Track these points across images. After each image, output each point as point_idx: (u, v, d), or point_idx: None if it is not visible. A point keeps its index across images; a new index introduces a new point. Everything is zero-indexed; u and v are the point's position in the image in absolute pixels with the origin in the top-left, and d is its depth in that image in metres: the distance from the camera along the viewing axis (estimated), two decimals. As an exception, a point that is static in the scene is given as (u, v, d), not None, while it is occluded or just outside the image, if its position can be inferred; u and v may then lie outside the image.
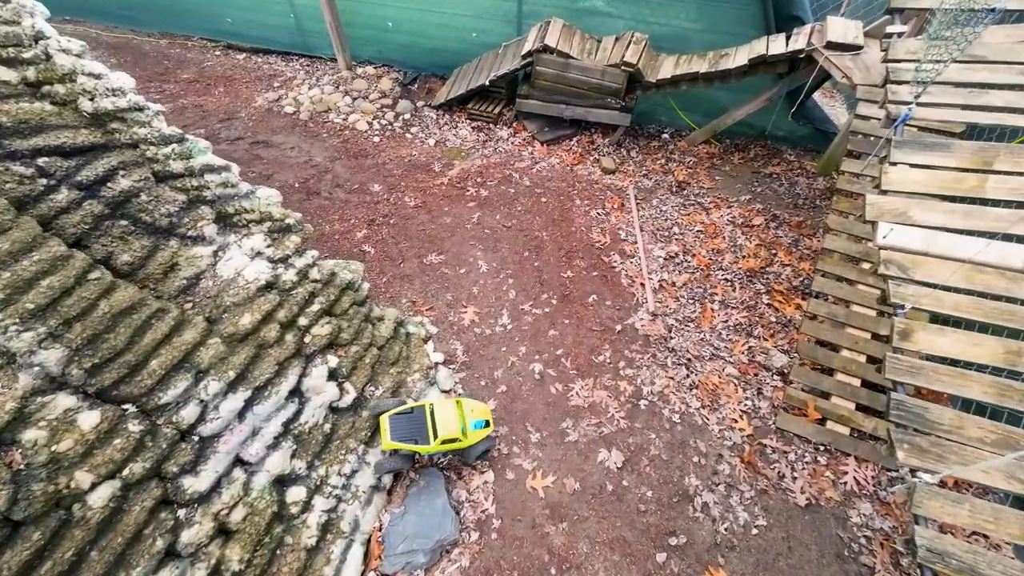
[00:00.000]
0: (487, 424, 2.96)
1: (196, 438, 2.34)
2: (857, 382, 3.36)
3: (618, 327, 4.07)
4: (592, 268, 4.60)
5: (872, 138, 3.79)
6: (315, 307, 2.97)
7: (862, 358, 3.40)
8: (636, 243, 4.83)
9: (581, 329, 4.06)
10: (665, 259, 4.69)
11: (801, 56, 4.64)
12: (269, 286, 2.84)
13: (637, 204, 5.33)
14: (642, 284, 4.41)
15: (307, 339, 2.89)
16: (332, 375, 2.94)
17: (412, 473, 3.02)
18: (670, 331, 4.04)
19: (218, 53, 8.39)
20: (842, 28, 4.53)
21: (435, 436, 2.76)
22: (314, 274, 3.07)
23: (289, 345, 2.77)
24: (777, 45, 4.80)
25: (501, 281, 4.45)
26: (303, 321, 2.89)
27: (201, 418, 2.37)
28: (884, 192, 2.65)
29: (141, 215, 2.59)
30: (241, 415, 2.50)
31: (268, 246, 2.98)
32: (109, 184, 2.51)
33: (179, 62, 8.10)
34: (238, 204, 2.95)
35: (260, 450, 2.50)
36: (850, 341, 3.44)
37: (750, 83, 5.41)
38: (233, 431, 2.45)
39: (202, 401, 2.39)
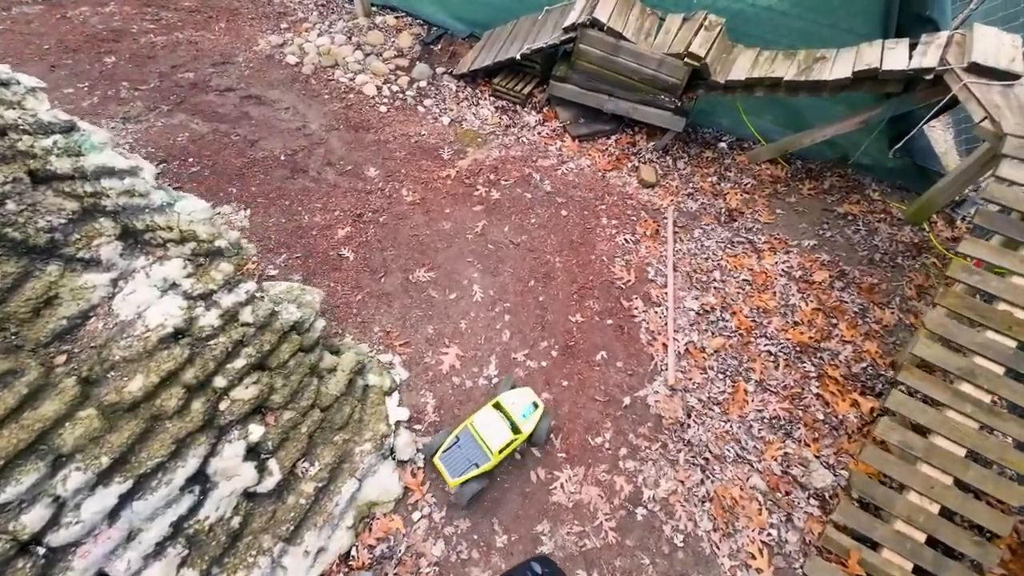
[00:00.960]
0: (535, 405, 2.93)
1: (42, 551, 1.79)
2: (921, 538, 2.61)
3: (626, 400, 3.35)
4: (607, 314, 3.81)
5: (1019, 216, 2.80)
6: (240, 362, 2.33)
7: (935, 508, 2.63)
8: (666, 287, 3.99)
9: (581, 396, 3.35)
10: (698, 313, 3.86)
11: (927, 77, 3.52)
12: (179, 334, 2.19)
13: (675, 233, 4.43)
14: (664, 345, 3.63)
15: (223, 406, 2.27)
16: (252, 450, 2.35)
17: None
18: (689, 415, 3.30)
19: (227, -22, 7.40)
20: (994, 44, 3.37)
21: (492, 450, 2.70)
22: (246, 315, 2.40)
23: (195, 415, 2.16)
24: (896, 57, 3.66)
25: (496, 316, 3.73)
26: (220, 382, 2.26)
27: (53, 522, 1.81)
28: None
29: (7, 229, 1.93)
30: (113, 515, 1.94)
31: (188, 276, 2.30)
32: (-43, 188, 1.84)
33: (183, -15, 7.18)
34: (149, 219, 2.25)
35: (135, 561, 1.96)
36: (923, 484, 2.65)
37: (847, 96, 4.28)
38: (98, 538, 1.89)
39: (57, 499, 1.82)
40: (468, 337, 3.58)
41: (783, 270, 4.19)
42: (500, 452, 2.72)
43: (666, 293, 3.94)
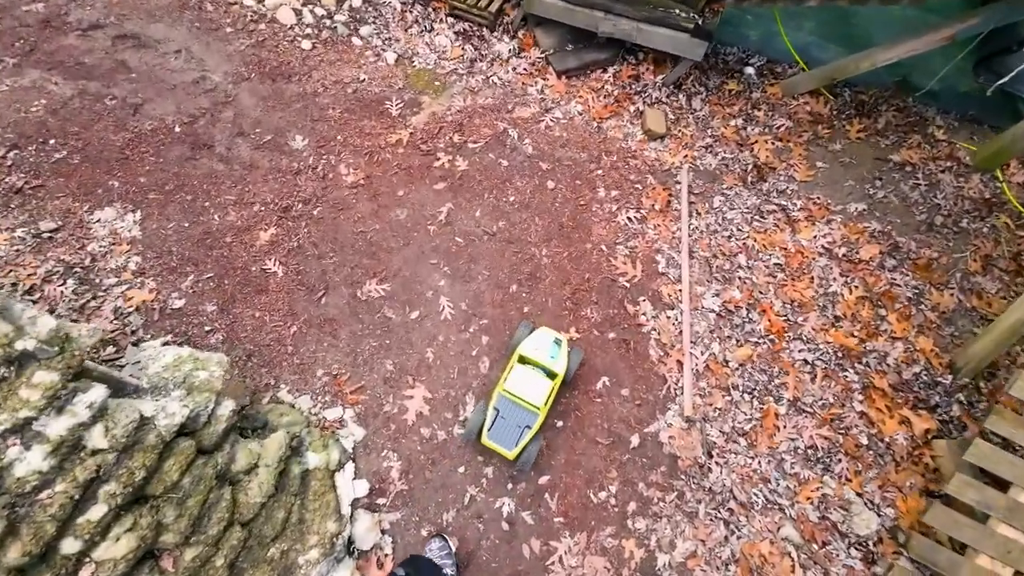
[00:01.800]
0: (558, 342, 2.67)
1: None
2: (987, 607, 2.21)
3: (634, 439, 2.77)
4: (609, 324, 3.09)
5: None
6: (98, 510, 1.64)
7: (1007, 572, 2.19)
8: (680, 282, 3.22)
9: (580, 439, 2.76)
10: (719, 315, 3.14)
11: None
12: (-17, 498, 1.47)
13: (691, 204, 3.53)
14: (679, 362, 2.97)
15: (86, 574, 1.63)
16: (147, 612, 1.76)
17: None
18: (710, 453, 2.75)
19: None
20: None
21: (537, 405, 2.50)
22: (96, 440, 1.66)
23: (40, 604, 1.52)
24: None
25: (471, 339, 2.99)
26: (72, 545, 1.59)
27: None
28: None
29: None
30: None
31: (-17, 404, 1.52)
32: None
33: None
34: None
35: None
36: (998, 547, 2.18)
37: (932, 2, 3.12)
38: None
39: None
40: (437, 371, 2.88)
41: (823, 247, 3.39)
42: (545, 404, 2.54)
43: (680, 291, 3.18)
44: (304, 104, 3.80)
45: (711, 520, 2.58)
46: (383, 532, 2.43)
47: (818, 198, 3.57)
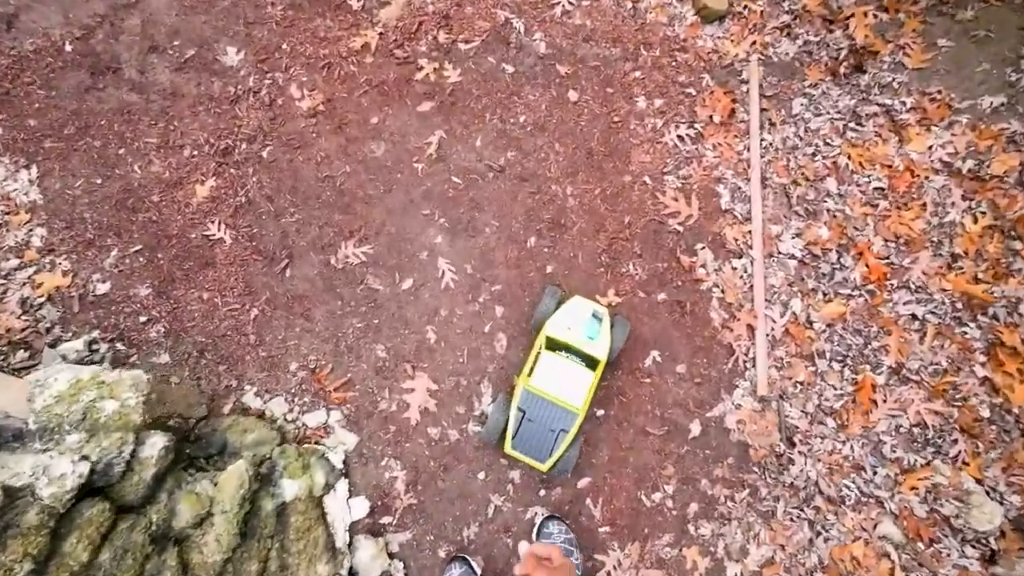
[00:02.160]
0: (597, 316, 2.03)
1: None
2: None
3: (694, 427, 2.22)
4: (657, 283, 2.40)
5: None
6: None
7: None
8: (749, 220, 2.45)
9: (626, 431, 2.21)
10: (801, 261, 2.42)
11: None
12: None
13: (762, 111, 2.64)
14: (749, 326, 2.31)
15: None
16: None
17: None
18: (790, 440, 2.20)
19: None
20: None
21: (575, 405, 1.97)
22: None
23: None
24: None
25: (481, 311, 2.34)
26: None
27: None
28: None
29: None
30: None
31: None
32: None
33: None
34: None
35: None
36: None
37: None
38: None
39: None
40: (442, 355, 2.28)
41: (941, 160, 2.54)
42: (588, 402, 2.01)
43: (750, 233, 2.43)
44: (233, 1, 2.80)
45: (792, 520, 2.11)
46: (392, 556, 2.01)
47: (937, 92, 2.63)
